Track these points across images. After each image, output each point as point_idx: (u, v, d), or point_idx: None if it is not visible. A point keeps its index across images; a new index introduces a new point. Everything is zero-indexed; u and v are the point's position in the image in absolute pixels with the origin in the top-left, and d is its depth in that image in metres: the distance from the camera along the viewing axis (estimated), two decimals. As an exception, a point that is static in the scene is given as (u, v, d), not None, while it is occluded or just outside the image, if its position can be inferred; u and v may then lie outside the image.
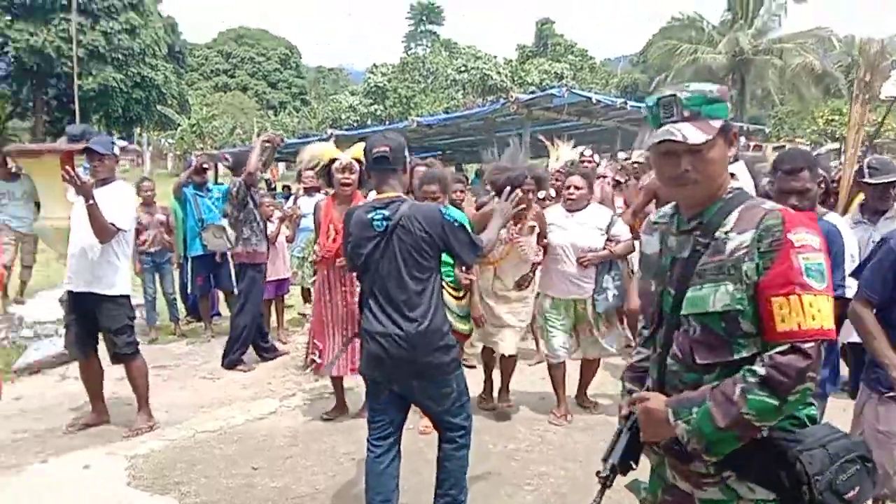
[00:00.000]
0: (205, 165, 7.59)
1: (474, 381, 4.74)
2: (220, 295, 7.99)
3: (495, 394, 5.30)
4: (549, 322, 5.05)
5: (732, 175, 1.85)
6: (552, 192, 5.99)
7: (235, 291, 6.78)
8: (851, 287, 3.05)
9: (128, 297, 4.85)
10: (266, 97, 57.80)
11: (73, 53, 13.88)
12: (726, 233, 1.74)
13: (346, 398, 5.20)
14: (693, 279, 1.77)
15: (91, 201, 4.46)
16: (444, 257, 3.28)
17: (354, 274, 4.37)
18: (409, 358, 3.06)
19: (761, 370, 1.64)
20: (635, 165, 6.54)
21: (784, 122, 37.04)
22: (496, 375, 5.31)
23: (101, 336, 4.88)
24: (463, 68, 50.64)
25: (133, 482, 4.06)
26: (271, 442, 4.67)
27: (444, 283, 4.38)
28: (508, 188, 3.58)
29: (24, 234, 7.95)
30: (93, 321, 4.78)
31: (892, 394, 2.92)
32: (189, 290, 8.01)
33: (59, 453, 4.43)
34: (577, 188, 4.98)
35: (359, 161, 4.65)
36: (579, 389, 5.40)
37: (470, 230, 3.24)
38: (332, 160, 4.75)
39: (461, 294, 4.84)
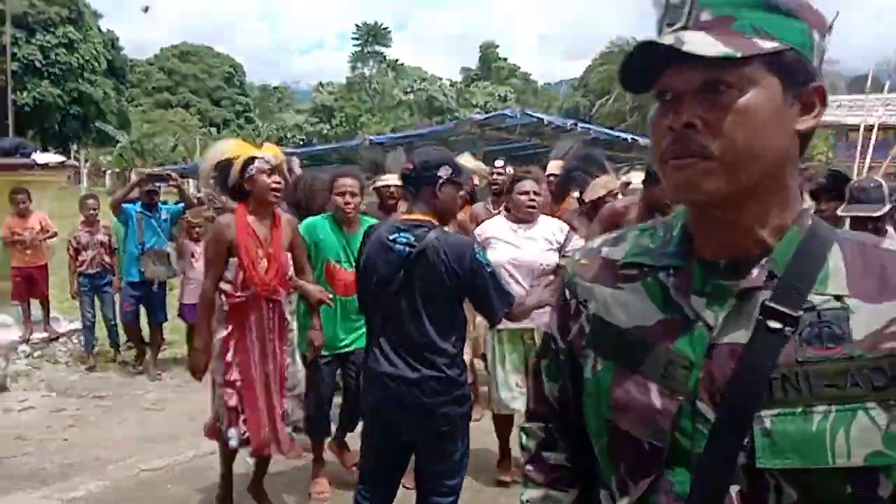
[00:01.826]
0: (153, 187, 6.89)
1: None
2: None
3: None
4: (496, 361, 4.14)
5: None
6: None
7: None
8: None
9: None
10: (209, 115, 56.76)
11: (7, 66, 13.24)
12: (838, 297, 0.90)
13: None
14: (776, 394, 0.88)
15: None
16: None
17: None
18: (421, 406, 2.69)
19: None
20: (550, 178, 5.63)
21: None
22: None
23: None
24: (409, 89, 50.76)
25: (70, 529, 3.69)
26: (224, 479, 4.32)
27: None
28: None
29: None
30: None
31: None
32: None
33: (-15, 497, 4.02)
34: (536, 194, 4.07)
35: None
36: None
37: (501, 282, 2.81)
38: (251, 159, 3.47)
39: None
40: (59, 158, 8.13)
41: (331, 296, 3.70)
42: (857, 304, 0.88)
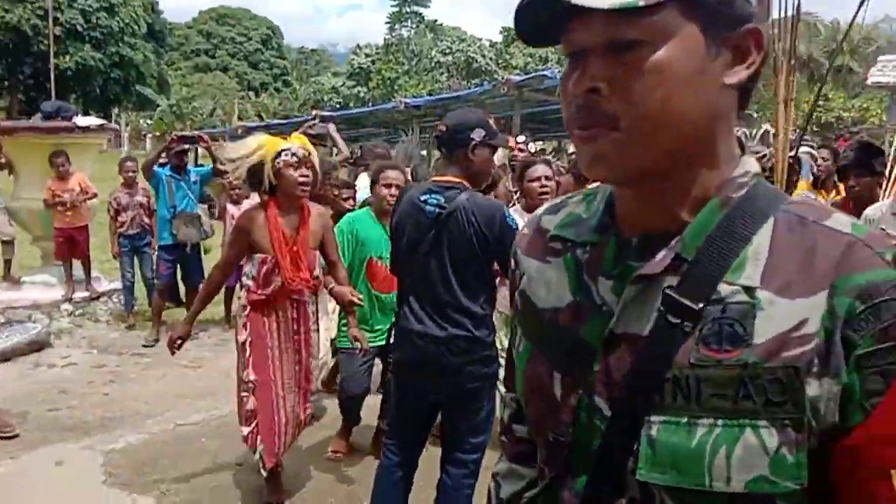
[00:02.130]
0: (183, 148, 7.02)
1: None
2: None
3: None
4: (502, 343, 3.74)
5: (741, 146, 0.84)
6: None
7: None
8: None
9: None
10: (247, 78, 57.03)
11: (50, 30, 13.43)
12: (748, 289, 0.74)
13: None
14: (666, 399, 0.75)
15: None
16: None
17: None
18: (448, 364, 2.72)
19: None
20: (573, 157, 5.73)
21: (767, 108, 37.03)
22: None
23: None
24: (448, 50, 50.13)
25: (109, 479, 3.81)
26: (257, 435, 4.43)
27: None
28: None
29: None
30: None
31: None
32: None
33: (30, 448, 4.16)
34: (548, 178, 3.89)
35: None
36: None
37: None
38: (279, 153, 3.30)
39: None
40: (99, 121, 8.24)
41: (361, 296, 3.52)
42: (768, 297, 0.73)
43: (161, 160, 6.97)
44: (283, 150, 3.31)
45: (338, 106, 41.76)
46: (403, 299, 2.86)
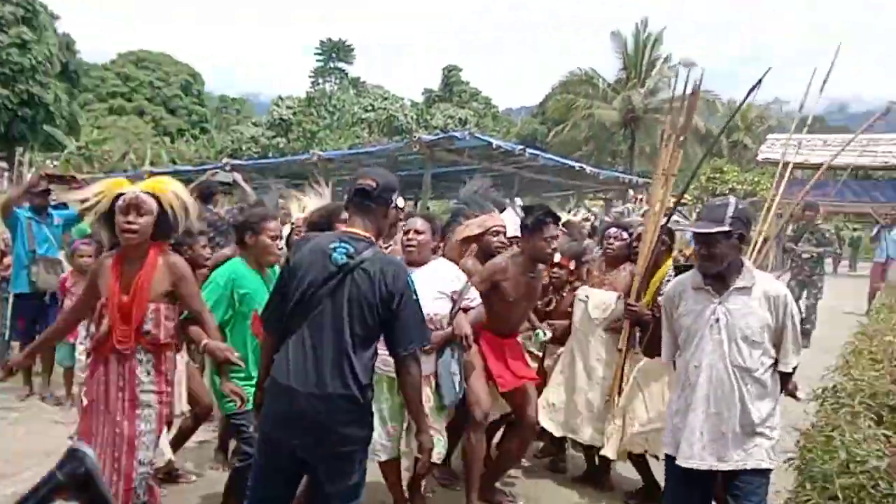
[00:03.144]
0: (47, 188, 6.28)
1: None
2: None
3: None
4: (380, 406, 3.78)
5: None
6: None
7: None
8: None
9: None
10: (164, 123, 55.90)
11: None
12: None
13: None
14: None
15: None
16: None
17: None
18: (324, 422, 2.64)
19: None
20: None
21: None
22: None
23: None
24: (370, 108, 50.76)
25: (-50, 546, 3.54)
26: (123, 497, 4.20)
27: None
28: None
29: None
30: None
31: None
32: (6, 336, 6.62)
33: None
34: (417, 232, 3.86)
35: (157, 198, 3.18)
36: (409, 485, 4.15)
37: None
38: (118, 196, 3.14)
39: None
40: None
41: (238, 355, 3.32)
42: None
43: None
44: (120, 195, 3.15)
45: (256, 155, 41.41)
46: (282, 349, 2.75)
